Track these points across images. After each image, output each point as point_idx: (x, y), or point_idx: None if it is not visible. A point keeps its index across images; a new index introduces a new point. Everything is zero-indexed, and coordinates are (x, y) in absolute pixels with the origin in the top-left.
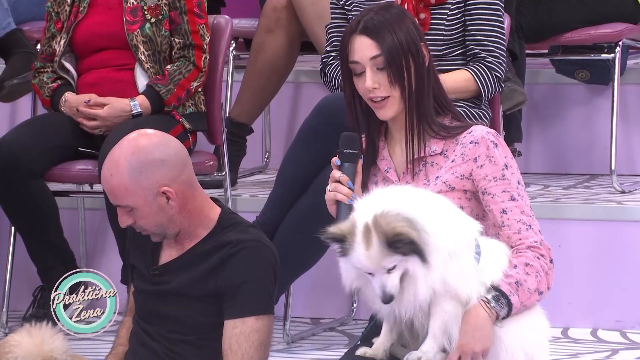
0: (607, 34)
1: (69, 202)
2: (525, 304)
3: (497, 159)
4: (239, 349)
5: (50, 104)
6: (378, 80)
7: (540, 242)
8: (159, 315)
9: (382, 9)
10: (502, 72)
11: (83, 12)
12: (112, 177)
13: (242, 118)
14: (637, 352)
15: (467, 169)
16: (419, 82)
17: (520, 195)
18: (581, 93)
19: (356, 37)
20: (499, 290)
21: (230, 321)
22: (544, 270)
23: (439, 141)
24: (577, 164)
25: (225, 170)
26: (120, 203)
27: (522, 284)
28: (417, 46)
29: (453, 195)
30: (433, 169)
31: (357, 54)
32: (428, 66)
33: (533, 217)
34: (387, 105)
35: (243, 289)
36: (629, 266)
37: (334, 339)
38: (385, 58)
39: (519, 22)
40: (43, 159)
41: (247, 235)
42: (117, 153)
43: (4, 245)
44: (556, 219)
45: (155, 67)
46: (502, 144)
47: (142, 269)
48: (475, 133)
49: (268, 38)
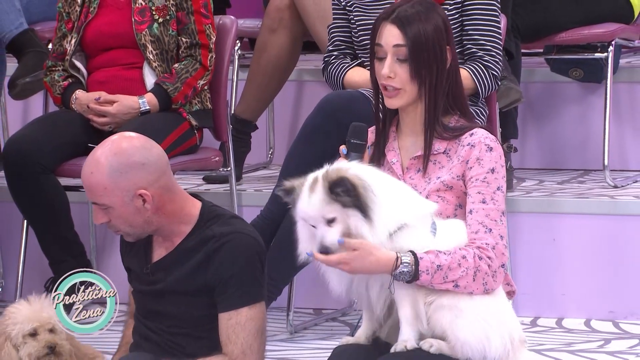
0: (600, 33)
1: (80, 196)
2: (435, 287)
3: (485, 162)
4: (237, 339)
5: (61, 101)
6: (395, 71)
7: (493, 245)
8: (157, 313)
9: (417, 3)
10: (499, 71)
11: (93, 13)
12: (92, 175)
13: (246, 115)
14: (629, 341)
15: (461, 170)
16: (438, 82)
17: (493, 200)
18: (575, 91)
19: (387, 24)
20: (417, 262)
21: (224, 314)
22: (481, 271)
23: (442, 140)
24: (571, 159)
25: (230, 166)
26: (97, 201)
27: (444, 270)
28: (442, 46)
29: (451, 194)
30: (435, 168)
31: (383, 38)
32: (449, 68)
33: (499, 222)
34: (396, 96)
35: (232, 282)
36: (621, 258)
37: (335, 329)
38: (409, 51)
39: (515, 22)
40: (54, 155)
41: (229, 228)
42: (100, 152)
43: (16, 239)
44: (551, 213)
45: (163, 66)
46: (498, 149)
47: (136, 269)
48: (475, 136)
49: (271, 38)
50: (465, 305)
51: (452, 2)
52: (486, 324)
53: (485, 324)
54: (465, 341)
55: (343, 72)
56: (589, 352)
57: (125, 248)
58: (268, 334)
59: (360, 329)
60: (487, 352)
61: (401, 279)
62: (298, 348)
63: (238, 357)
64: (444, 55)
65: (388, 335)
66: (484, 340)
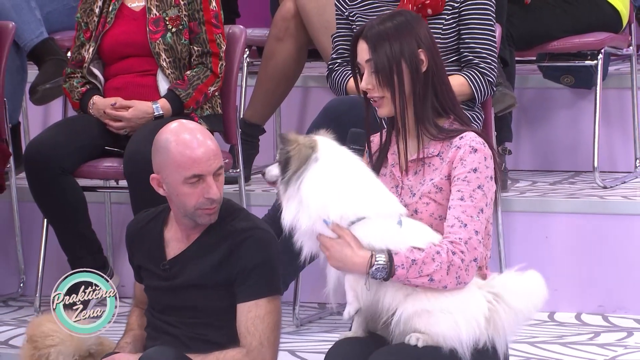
0: (590, 42)
1: (97, 196)
2: (411, 281)
3: (468, 162)
4: (256, 331)
5: (79, 106)
6: (371, 82)
7: (466, 240)
8: (176, 307)
9: (387, 17)
10: (494, 77)
11: (110, 23)
12: (212, 141)
13: (255, 119)
14: (618, 334)
15: (448, 170)
16: (414, 86)
17: (472, 197)
18: (566, 96)
19: (359, 41)
20: (391, 258)
21: (244, 304)
22: (454, 265)
23: (437, 143)
24: (562, 161)
25: (239, 168)
26: (221, 163)
27: (418, 264)
28: (412, 53)
29: (441, 196)
30: (429, 170)
31: (358, 56)
32: (427, 71)
33: (475, 218)
34: (382, 104)
35: (253, 274)
36: (610, 255)
37: (339, 322)
38: (374, 63)
39: (509, 31)
40: (73, 157)
41: (250, 223)
42: (194, 127)
43: (37, 237)
44: (543, 213)
45: (176, 73)
46: (484, 151)
47: (151, 267)
48: (463, 139)
49: (278, 46)
50: (430, 306)
51: (450, 11)
52: (450, 314)
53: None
54: (441, 333)
55: (346, 78)
56: (580, 344)
57: (134, 246)
58: None
59: (355, 324)
60: (461, 337)
61: (378, 277)
62: (304, 340)
63: (255, 349)
64: (416, 60)
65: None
66: (454, 327)
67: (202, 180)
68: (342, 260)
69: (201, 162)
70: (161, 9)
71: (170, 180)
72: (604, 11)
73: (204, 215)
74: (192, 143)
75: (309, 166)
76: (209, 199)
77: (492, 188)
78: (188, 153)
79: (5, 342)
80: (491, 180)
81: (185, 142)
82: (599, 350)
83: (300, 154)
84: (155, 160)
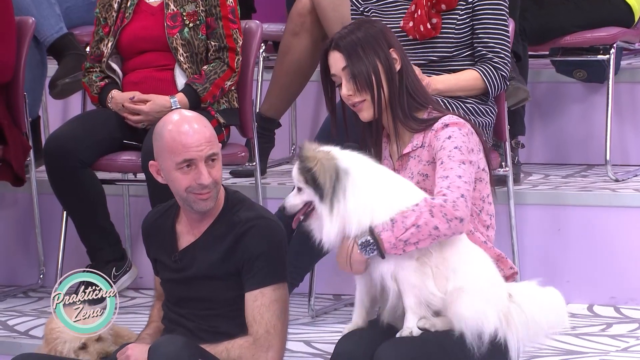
0: (603, 37)
1: (115, 189)
2: (403, 239)
3: (441, 135)
4: (262, 319)
5: (98, 100)
6: (351, 88)
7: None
8: (189, 299)
9: (353, 26)
10: (507, 72)
11: (128, 18)
12: (206, 128)
13: (270, 113)
14: (630, 325)
15: (430, 155)
16: (390, 86)
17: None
18: (579, 91)
19: (330, 53)
20: (372, 229)
21: (250, 293)
22: (435, 207)
23: (419, 135)
24: (575, 155)
25: (255, 161)
26: (215, 150)
27: (398, 221)
28: (385, 53)
29: (430, 182)
30: (416, 162)
31: (332, 67)
32: (400, 69)
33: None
34: (363, 108)
35: (258, 262)
36: (622, 248)
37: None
38: (350, 69)
39: (522, 26)
40: (92, 151)
41: (254, 213)
42: (192, 115)
43: (56, 229)
44: (556, 205)
45: (193, 68)
46: (457, 124)
47: (164, 259)
48: (438, 122)
49: (294, 41)
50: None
51: (464, 7)
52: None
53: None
54: (462, 315)
55: None
56: (592, 335)
57: (150, 240)
58: (291, 318)
59: (355, 315)
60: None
61: (371, 252)
62: (319, 331)
63: (262, 337)
64: (389, 59)
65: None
66: (481, 317)
67: (193, 165)
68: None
69: (191, 147)
70: (179, 4)
71: (165, 167)
72: (616, 6)
73: (198, 201)
74: (183, 128)
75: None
76: (200, 184)
77: (472, 148)
78: (179, 138)
79: (26, 332)
80: (469, 143)
81: (178, 128)
82: (610, 342)
83: (324, 167)
84: (154, 148)
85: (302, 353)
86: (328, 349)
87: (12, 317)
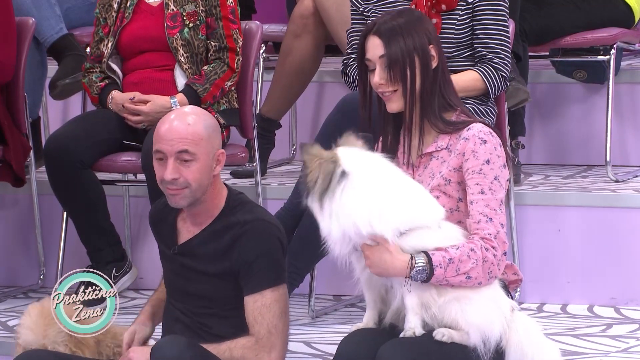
0: (603, 37)
1: (115, 190)
2: (449, 280)
3: (480, 154)
4: (263, 320)
5: (98, 101)
6: (384, 77)
7: (495, 235)
8: (187, 293)
9: (398, 14)
10: (507, 72)
11: (128, 18)
12: (190, 126)
13: (271, 114)
14: (630, 326)
15: (458, 163)
16: (424, 82)
17: (491, 189)
18: (579, 91)
19: (370, 37)
20: (430, 259)
21: (250, 297)
22: (488, 261)
23: (445, 137)
24: (575, 155)
25: (256, 162)
26: (189, 149)
27: (455, 262)
28: (424, 48)
29: (451, 188)
30: (438, 163)
31: (369, 52)
32: (436, 67)
33: (498, 211)
34: (393, 99)
35: (256, 265)
36: (622, 248)
37: (354, 314)
38: (387, 58)
39: (522, 27)
40: (92, 151)
41: (252, 215)
42: (188, 110)
43: (57, 229)
44: (556, 206)
45: (193, 68)
46: (493, 141)
47: (165, 251)
48: (470, 130)
49: (295, 42)
50: (471, 294)
51: (464, 7)
52: (489, 309)
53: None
54: (475, 324)
55: None
56: (592, 336)
57: (156, 229)
58: (291, 319)
59: (366, 316)
60: (490, 335)
61: (419, 279)
62: (319, 332)
63: (264, 337)
64: (427, 55)
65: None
66: (489, 324)
67: (165, 159)
68: (383, 266)
69: (163, 139)
70: (179, 4)
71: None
72: (617, 7)
73: (168, 195)
74: (168, 119)
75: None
76: (162, 178)
77: (505, 176)
78: (158, 128)
79: None
80: (504, 169)
81: (166, 118)
82: (611, 342)
83: (321, 167)
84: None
85: (302, 354)
86: (328, 350)
87: (12, 317)
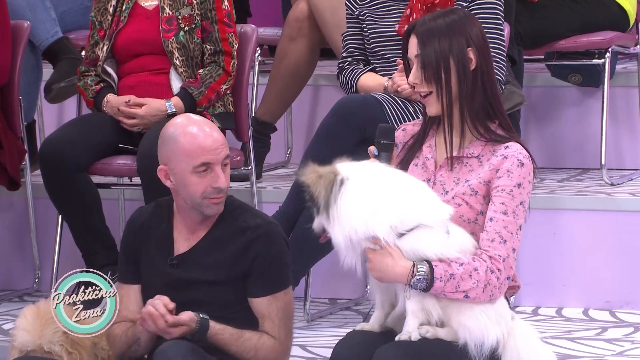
0: (598, 41)
1: (111, 193)
2: (447, 295)
3: (515, 176)
4: (281, 322)
5: (93, 104)
6: (418, 77)
7: (504, 258)
8: (184, 302)
9: (440, 14)
10: (503, 76)
11: (123, 21)
12: (217, 132)
13: (266, 117)
14: (625, 329)
15: (489, 177)
16: (461, 85)
17: (514, 213)
18: (574, 95)
19: (411, 35)
20: (432, 270)
21: (263, 298)
22: (490, 284)
23: (478, 145)
24: (570, 159)
25: (251, 165)
26: (227, 153)
27: (456, 279)
28: (461, 50)
29: (475, 200)
30: (465, 170)
31: (408, 50)
32: (475, 70)
33: (514, 236)
34: (430, 102)
35: (271, 268)
36: (617, 252)
37: (349, 318)
38: (422, 58)
39: (517, 30)
40: (87, 155)
41: (261, 219)
42: (200, 120)
43: (52, 233)
44: (551, 209)
45: (189, 72)
46: (529, 166)
47: (156, 262)
48: (509, 149)
49: (291, 46)
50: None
51: None
52: (487, 316)
53: (486, 316)
54: (466, 326)
55: (356, 77)
56: (587, 339)
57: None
58: None
59: (373, 317)
60: (485, 341)
61: (418, 287)
62: (314, 335)
63: (285, 340)
64: (464, 58)
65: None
66: (483, 329)
67: (210, 169)
68: (383, 271)
69: (210, 150)
70: (174, 7)
71: (178, 170)
72: (612, 10)
73: (211, 205)
74: (200, 132)
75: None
76: (216, 188)
77: (527, 203)
78: (197, 142)
79: None
80: (529, 197)
81: (193, 132)
82: (606, 346)
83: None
84: (162, 152)
85: (297, 357)
86: (323, 353)
87: (7, 321)
